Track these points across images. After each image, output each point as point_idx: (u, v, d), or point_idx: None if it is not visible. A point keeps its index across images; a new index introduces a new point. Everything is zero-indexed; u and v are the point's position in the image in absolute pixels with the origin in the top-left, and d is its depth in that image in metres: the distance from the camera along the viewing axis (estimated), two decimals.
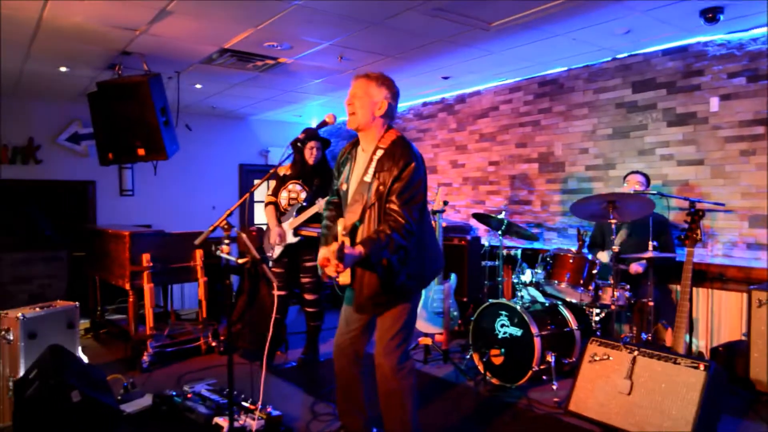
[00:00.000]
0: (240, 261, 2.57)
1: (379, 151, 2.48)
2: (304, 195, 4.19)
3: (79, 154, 6.55)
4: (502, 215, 4.47)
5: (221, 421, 2.96)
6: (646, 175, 4.17)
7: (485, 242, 5.46)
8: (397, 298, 2.50)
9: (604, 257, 3.97)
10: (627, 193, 3.91)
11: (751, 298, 3.53)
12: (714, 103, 4.16)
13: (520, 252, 4.83)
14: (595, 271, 3.76)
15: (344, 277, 2.49)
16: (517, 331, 3.79)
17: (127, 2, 3.39)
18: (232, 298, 4.94)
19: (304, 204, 4.16)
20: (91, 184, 6.70)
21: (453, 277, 4.52)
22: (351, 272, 2.49)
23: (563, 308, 4.03)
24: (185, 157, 6.57)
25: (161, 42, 4.19)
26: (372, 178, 2.44)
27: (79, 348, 3.69)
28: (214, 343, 4.72)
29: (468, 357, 4.22)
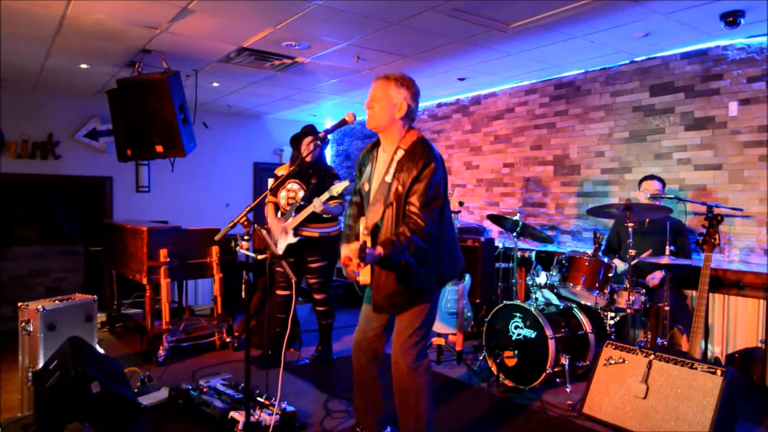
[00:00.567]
0: (260, 257, 2.60)
1: (400, 152, 2.52)
2: (302, 193, 4.18)
3: (97, 150, 6.63)
4: (517, 217, 4.47)
5: (237, 415, 2.99)
6: (661, 180, 4.14)
7: (499, 244, 5.46)
8: (414, 298, 2.51)
9: (621, 265, 3.94)
10: (646, 203, 3.88)
11: None
12: (733, 108, 4.13)
13: (534, 254, 4.83)
14: (611, 275, 3.75)
15: (364, 276, 2.52)
16: (531, 333, 3.78)
17: (150, 0, 3.44)
18: (243, 294, 4.96)
19: (302, 203, 4.15)
20: (108, 180, 6.78)
21: (467, 277, 4.52)
22: (370, 272, 2.52)
23: (578, 311, 4.02)
24: (201, 155, 6.63)
25: (181, 40, 4.24)
26: (392, 179, 2.48)
27: (96, 341, 3.74)
28: (228, 339, 4.77)
29: (481, 358, 4.23)
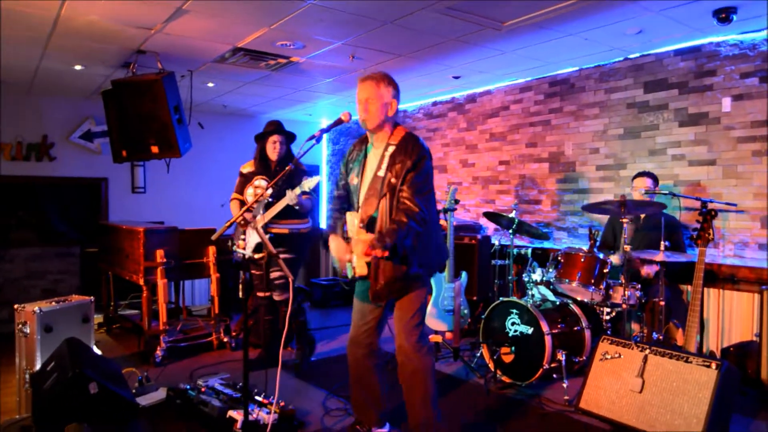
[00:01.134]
0: (256, 256, 2.61)
1: (391, 147, 2.63)
2: (270, 191, 3.98)
3: (92, 152, 6.61)
4: (513, 214, 4.49)
5: (235, 414, 3.00)
6: (653, 176, 4.16)
7: (495, 241, 5.48)
8: (410, 284, 2.65)
9: (616, 259, 3.97)
10: (640, 200, 3.90)
11: (763, 299, 3.53)
12: (726, 104, 4.16)
13: (530, 251, 4.85)
14: (606, 270, 3.77)
15: (361, 269, 2.61)
16: (527, 330, 3.80)
17: (144, 1, 3.44)
18: (240, 294, 4.96)
19: (271, 200, 3.97)
20: (104, 181, 6.76)
21: (464, 275, 4.53)
22: (367, 264, 2.61)
23: (574, 307, 4.04)
24: (196, 155, 6.61)
25: (176, 41, 4.23)
26: (385, 172, 2.59)
27: (93, 342, 3.74)
28: (225, 339, 4.77)
29: (478, 355, 4.24)
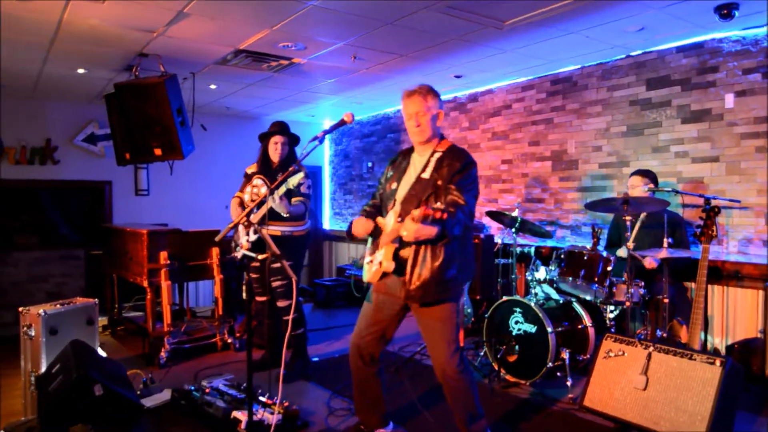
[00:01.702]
0: (260, 257, 2.62)
1: (437, 154, 2.64)
2: (265, 189, 3.92)
3: (96, 155, 6.64)
4: (516, 213, 4.49)
5: (239, 415, 3.01)
6: (649, 174, 4.13)
7: (498, 240, 5.47)
8: (445, 290, 2.57)
9: (623, 252, 3.96)
10: (642, 197, 3.89)
11: (767, 295, 3.52)
12: (729, 100, 4.14)
13: (534, 249, 4.84)
14: (609, 268, 3.76)
15: (387, 264, 2.56)
16: (531, 328, 3.80)
17: (145, 4, 3.45)
18: (244, 295, 4.96)
19: (265, 199, 3.79)
20: (108, 184, 6.79)
21: None
22: (396, 261, 2.56)
23: (577, 305, 4.04)
24: (199, 157, 6.63)
25: (178, 43, 4.25)
26: (430, 175, 2.58)
27: (98, 344, 3.75)
28: (230, 340, 4.78)
29: (482, 354, 4.24)
